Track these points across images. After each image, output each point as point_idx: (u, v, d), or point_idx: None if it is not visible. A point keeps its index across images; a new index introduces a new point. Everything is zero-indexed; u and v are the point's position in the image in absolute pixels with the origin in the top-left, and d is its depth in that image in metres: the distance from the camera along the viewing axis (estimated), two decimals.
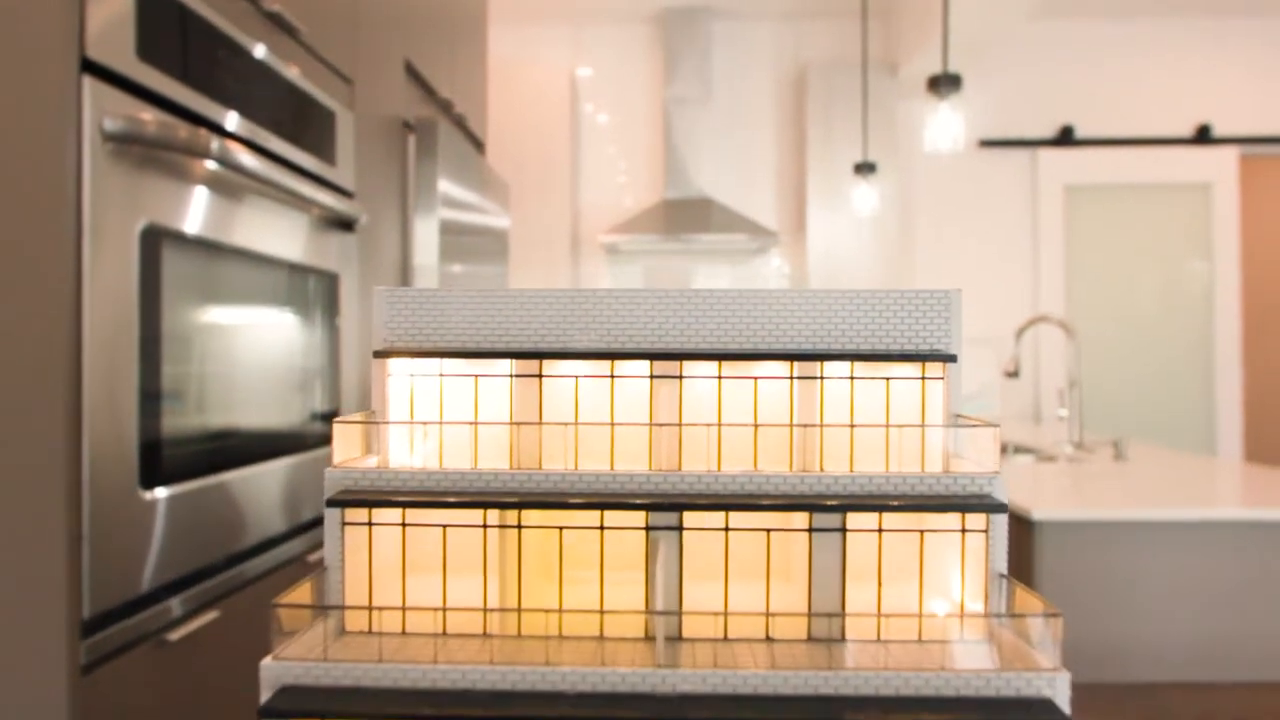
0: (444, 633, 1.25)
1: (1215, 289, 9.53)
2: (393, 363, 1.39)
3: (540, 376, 1.37)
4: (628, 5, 8.81)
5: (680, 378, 1.33)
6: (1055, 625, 1.13)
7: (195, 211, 2.47)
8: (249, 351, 2.83)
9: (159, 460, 2.25)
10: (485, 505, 1.19)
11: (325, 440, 3.36)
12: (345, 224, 3.60)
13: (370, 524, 1.29)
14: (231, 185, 2.63)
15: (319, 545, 2.70)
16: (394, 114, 4.33)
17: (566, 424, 1.34)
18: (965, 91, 7.11)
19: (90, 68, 2.01)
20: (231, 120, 2.66)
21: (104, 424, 2.03)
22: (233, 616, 2.60)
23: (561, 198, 8.47)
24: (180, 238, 2.41)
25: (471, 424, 1.37)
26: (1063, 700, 1.07)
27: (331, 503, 1.22)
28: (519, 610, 1.28)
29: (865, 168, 7.53)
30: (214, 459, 2.54)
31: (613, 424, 1.34)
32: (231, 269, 2.72)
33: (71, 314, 1.96)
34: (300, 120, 3.20)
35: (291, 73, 3.12)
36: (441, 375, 1.41)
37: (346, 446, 1.33)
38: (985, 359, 8.60)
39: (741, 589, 1.29)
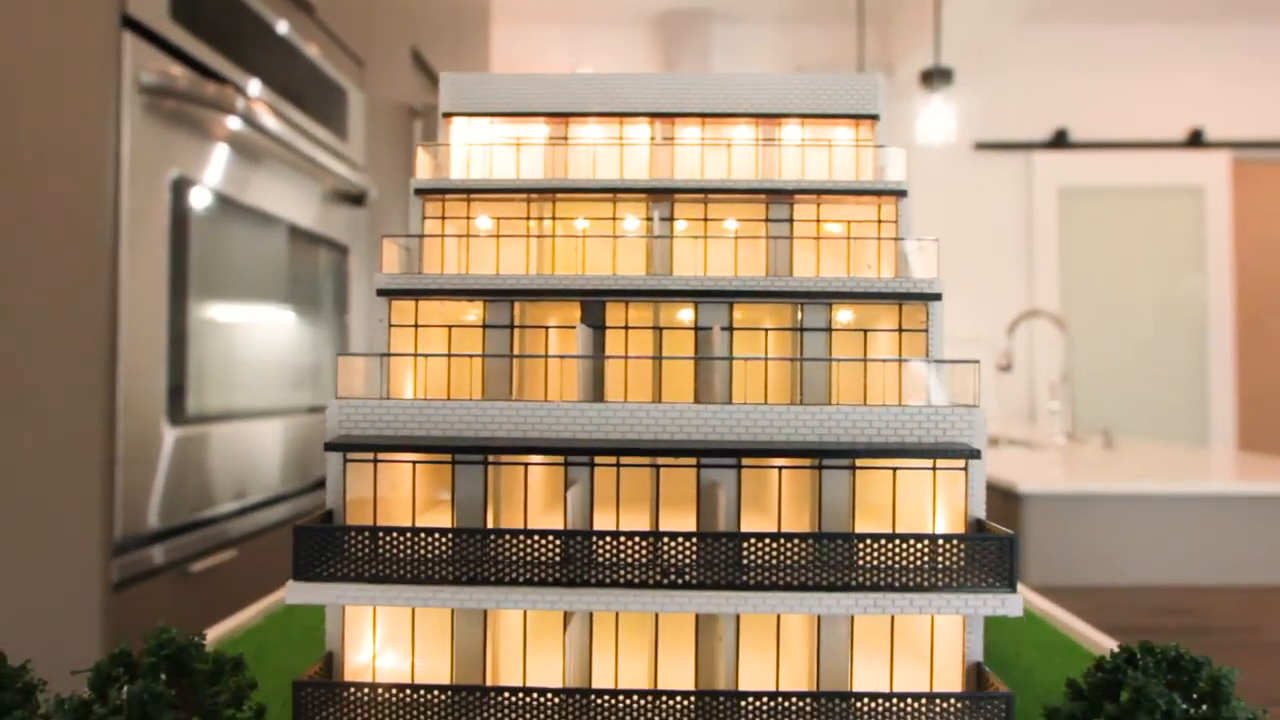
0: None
1: (1208, 291, 9.65)
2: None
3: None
4: (629, 6, 8.98)
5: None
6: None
7: (219, 167, 2.60)
8: (265, 314, 2.96)
9: (183, 400, 2.38)
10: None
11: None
12: (355, 199, 3.73)
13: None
14: (252, 146, 2.77)
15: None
16: (401, 99, 4.47)
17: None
18: (960, 95, 7.26)
19: (129, 24, 2.15)
20: (253, 86, 2.80)
21: (137, 360, 2.16)
22: (250, 557, 2.73)
23: None
24: (206, 190, 2.55)
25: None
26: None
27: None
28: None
29: None
30: (234, 407, 2.67)
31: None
32: (250, 226, 2.85)
33: (109, 256, 2.09)
34: (315, 93, 3.34)
35: (310, 50, 3.26)
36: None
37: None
38: (979, 358, 8.70)
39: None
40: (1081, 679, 1.11)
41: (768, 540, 1.22)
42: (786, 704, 1.19)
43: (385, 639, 1.32)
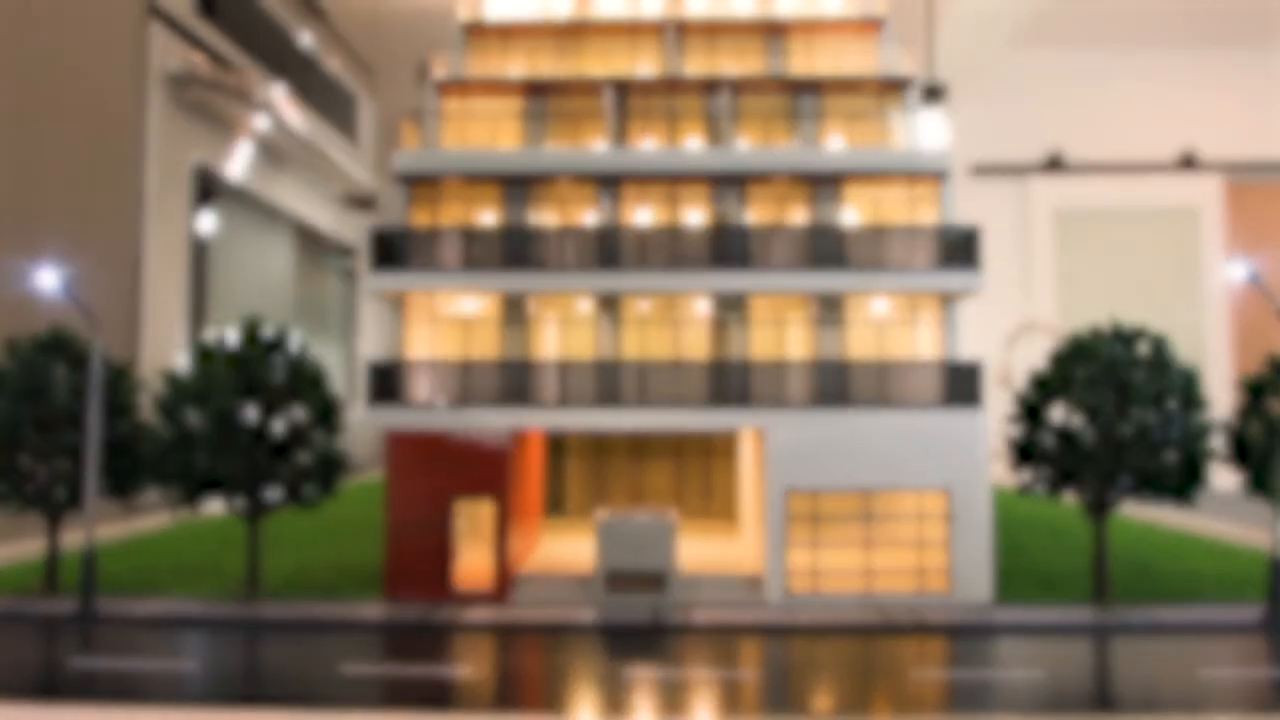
0: None
1: (1204, 311, 9.81)
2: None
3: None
4: None
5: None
6: None
7: (238, 160, 2.76)
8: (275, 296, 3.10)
9: None
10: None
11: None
12: (365, 203, 3.87)
13: None
14: (268, 142, 2.92)
15: None
16: (409, 110, 4.62)
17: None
18: (956, 120, 7.41)
19: (156, 14, 2.31)
20: (271, 84, 2.96)
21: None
22: None
23: None
24: (224, 180, 2.70)
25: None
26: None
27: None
28: None
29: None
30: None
31: None
32: (264, 218, 3.00)
33: (134, 234, 2.24)
34: (329, 99, 3.49)
35: (325, 59, 3.42)
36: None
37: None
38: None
39: None
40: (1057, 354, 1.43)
41: (768, 230, 1.40)
42: None
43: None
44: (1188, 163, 9.05)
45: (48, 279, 15.08)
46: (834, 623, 15.40)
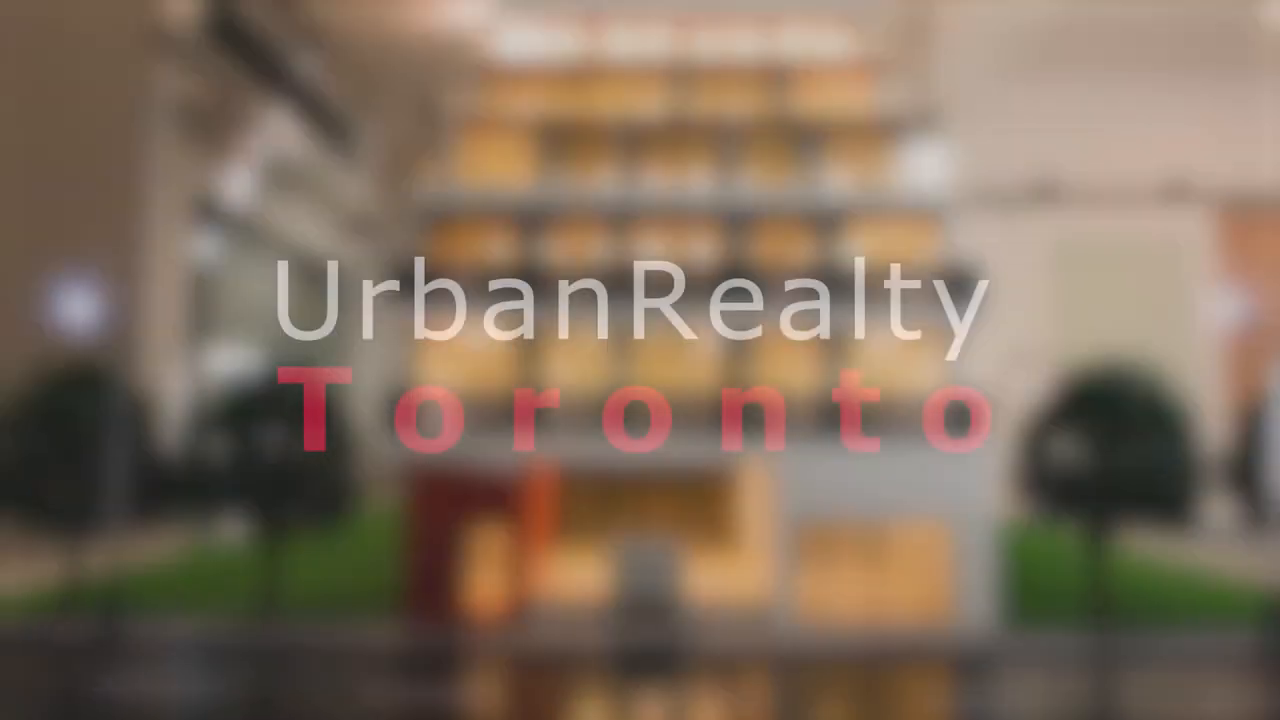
0: None
1: (1194, 341, 10.03)
2: None
3: None
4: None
5: None
6: None
7: (238, 185, 3.10)
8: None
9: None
10: None
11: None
12: (366, 226, 4.21)
13: None
14: (269, 166, 3.26)
15: None
16: (415, 138, 4.97)
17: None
18: (949, 151, 7.72)
19: (158, 39, 2.65)
20: (272, 109, 3.31)
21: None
22: None
23: None
24: (224, 206, 3.04)
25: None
26: None
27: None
28: None
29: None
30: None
31: None
32: (264, 241, 3.34)
33: (133, 257, 2.57)
34: (330, 122, 3.84)
35: (327, 83, 3.78)
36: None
37: None
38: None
39: None
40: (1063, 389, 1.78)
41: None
42: None
43: None
44: (1179, 193, 9.32)
45: (73, 307, 15.51)
46: (841, 651, 15.56)
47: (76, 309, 16.23)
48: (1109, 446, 15.90)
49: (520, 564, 17.08)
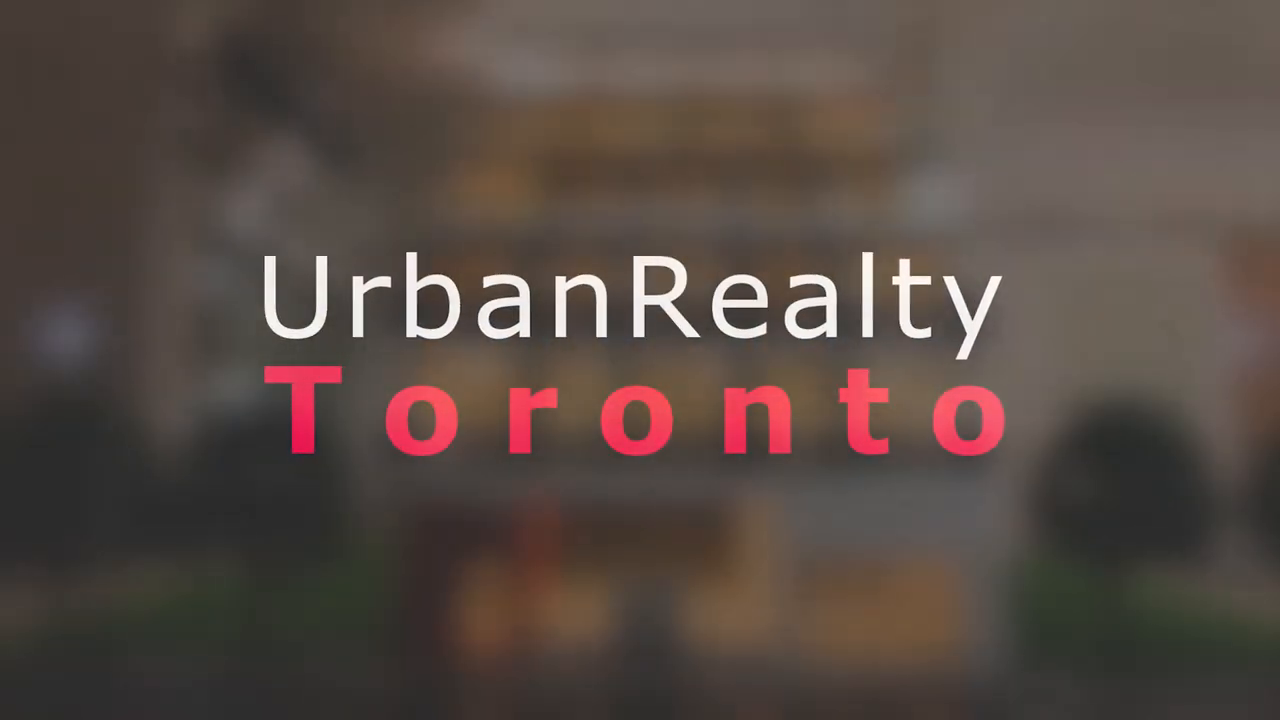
0: None
1: (1211, 373, 9.78)
2: None
3: None
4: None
5: None
6: None
7: (244, 212, 2.79)
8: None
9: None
10: None
11: None
12: (371, 251, 3.90)
13: None
14: (277, 194, 2.95)
15: None
16: (416, 172, 4.69)
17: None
18: (957, 180, 7.50)
19: (174, 74, 2.35)
20: (279, 138, 3.01)
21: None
22: None
23: None
24: (230, 237, 2.72)
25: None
26: None
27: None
28: None
29: None
30: None
31: None
32: (271, 267, 3.02)
33: (136, 286, 2.25)
34: (338, 149, 3.54)
35: (335, 110, 3.48)
36: None
37: None
38: None
39: None
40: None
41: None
42: None
43: None
44: (1181, 224, 9.18)
45: (70, 336, 15.30)
46: (847, 689, 15.13)
47: (73, 338, 15.95)
48: (1122, 481, 15.68)
49: (518, 602, 16.69)
